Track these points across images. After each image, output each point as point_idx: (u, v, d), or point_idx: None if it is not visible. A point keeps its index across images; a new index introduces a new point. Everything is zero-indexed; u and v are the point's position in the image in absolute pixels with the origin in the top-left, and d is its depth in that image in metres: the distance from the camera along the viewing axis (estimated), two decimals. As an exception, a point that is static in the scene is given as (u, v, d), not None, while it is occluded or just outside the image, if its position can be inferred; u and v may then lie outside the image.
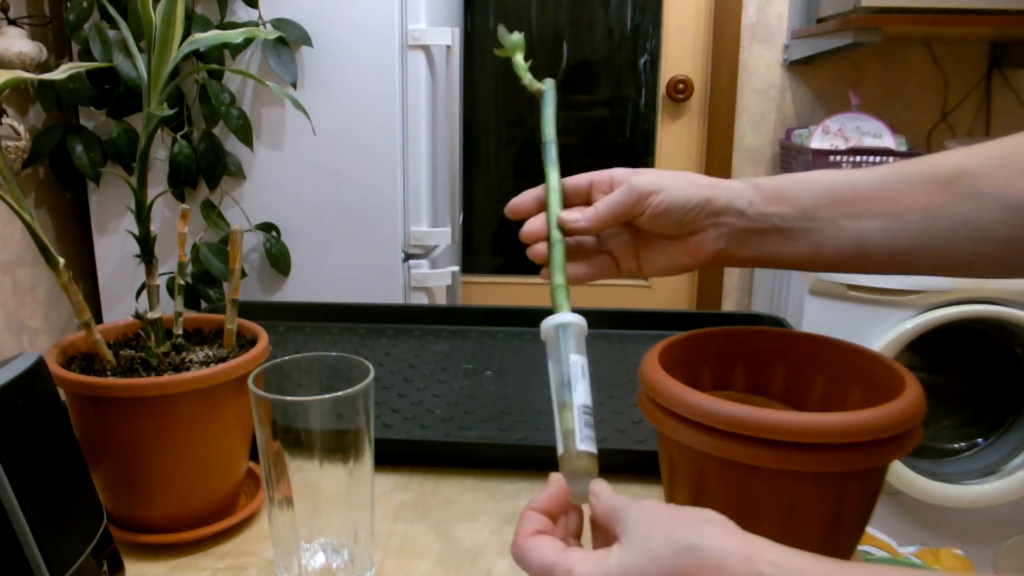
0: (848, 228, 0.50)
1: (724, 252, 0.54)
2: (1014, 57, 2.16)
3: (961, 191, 0.48)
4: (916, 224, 0.49)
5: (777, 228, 0.52)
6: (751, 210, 0.52)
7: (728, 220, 0.53)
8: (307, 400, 0.49)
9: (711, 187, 0.53)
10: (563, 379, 0.47)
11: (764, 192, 0.53)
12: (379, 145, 1.51)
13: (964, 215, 0.47)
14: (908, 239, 0.49)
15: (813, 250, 0.52)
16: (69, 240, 1.69)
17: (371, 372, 0.51)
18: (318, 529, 0.52)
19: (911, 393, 0.47)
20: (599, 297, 2.52)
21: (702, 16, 2.32)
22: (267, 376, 0.52)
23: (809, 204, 0.51)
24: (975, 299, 1.61)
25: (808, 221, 0.51)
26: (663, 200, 0.52)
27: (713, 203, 0.52)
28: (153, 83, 0.56)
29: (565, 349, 0.48)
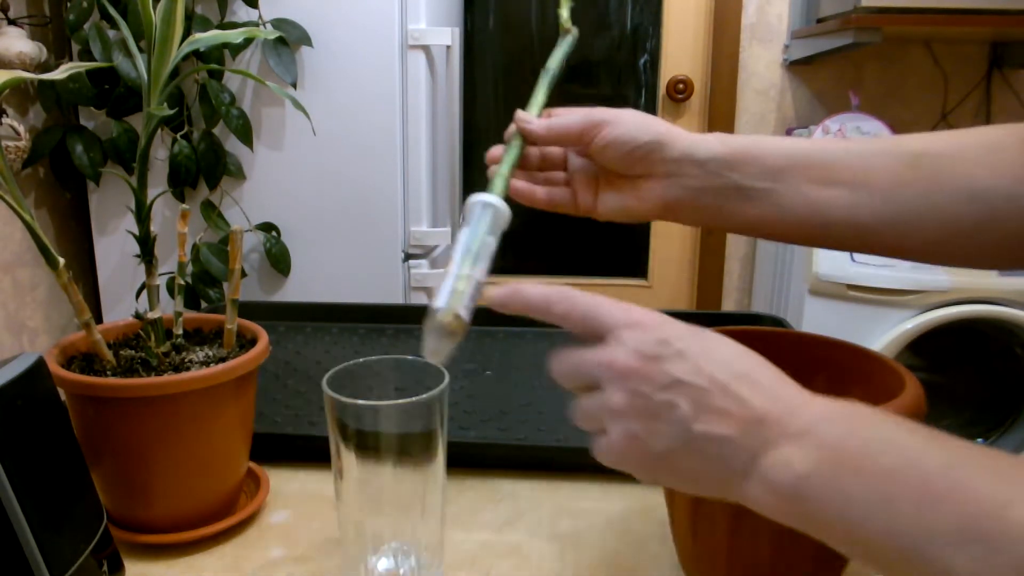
0: (811, 195, 0.50)
1: (677, 203, 0.53)
2: (1014, 57, 2.16)
3: (925, 172, 0.47)
4: (879, 199, 0.48)
5: (737, 186, 0.51)
6: (711, 163, 0.51)
7: (684, 170, 0.52)
8: (381, 404, 0.48)
9: (668, 132, 0.52)
10: (474, 251, 0.48)
11: (730, 147, 0.52)
12: (379, 145, 1.51)
13: (926, 196, 0.47)
14: (871, 214, 0.49)
15: (773, 215, 0.51)
16: (69, 240, 1.69)
17: (446, 377, 0.50)
18: (388, 533, 0.51)
19: (911, 393, 0.47)
20: (599, 297, 2.52)
21: (702, 16, 2.32)
22: (339, 379, 0.51)
23: (774, 165, 0.51)
24: (975, 299, 1.61)
25: (771, 182, 0.50)
26: (610, 132, 0.52)
27: (666, 147, 0.52)
28: (153, 83, 0.56)
29: (486, 228, 0.50)
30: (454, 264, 0.48)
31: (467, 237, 0.49)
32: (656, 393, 0.36)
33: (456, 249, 0.49)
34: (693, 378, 0.35)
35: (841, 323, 1.67)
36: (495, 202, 0.51)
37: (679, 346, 0.36)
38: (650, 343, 0.37)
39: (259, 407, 0.73)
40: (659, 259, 2.50)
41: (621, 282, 2.53)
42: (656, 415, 0.36)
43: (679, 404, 0.35)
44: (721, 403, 0.35)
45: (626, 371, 0.36)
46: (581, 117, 0.53)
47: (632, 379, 0.36)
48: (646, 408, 0.36)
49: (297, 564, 0.56)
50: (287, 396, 0.81)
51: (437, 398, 0.49)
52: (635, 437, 0.36)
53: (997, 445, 1.81)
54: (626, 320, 0.38)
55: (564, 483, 0.67)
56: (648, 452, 0.36)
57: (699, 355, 0.36)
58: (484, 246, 0.49)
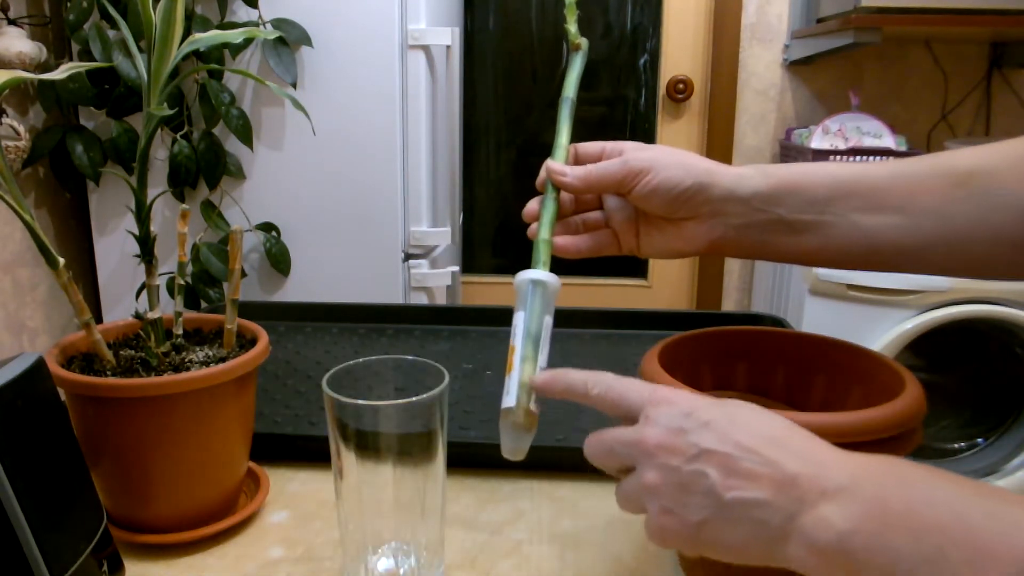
0: (859, 223, 0.49)
1: (722, 241, 0.52)
2: (1014, 57, 2.16)
3: (976, 190, 0.47)
4: (929, 222, 0.48)
5: (783, 220, 0.51)
6: (755, 200, 0.51)
7: (728, 209, 0.51)
8: (381, 404, 0.48)
9: (708, 173, 0.51)
10: (534, 335, 0.48)
11: (772, 181, 0.51)
12: (379, 145, 1.51)
13: (978, 214, 0.47)
14: (920, 237, 0.48)
15: (820, 245, 0.51)
16: (69, 240, 1.69)
17: (446, 377, 0.50)
18: (388, 533, 0.51)
19: (911, 393, 0.47)
20: (599, 297, 2.52)
21: (702, 16, 2.32)
22: (339, 379, 0.51)
23: (819, 195, 0.50)
24: (975, 299, 1.61)
25: (818, 215, 0.50)
26: (651, 180, 0.51)
27: (709, 189, 0.51)
28: (153, 83, 0.56)
29: (540, 308, 0.49)
30: (518, 354, 0.48)
31: (525, 322, 0.49)
32: (685, 465, 0.36)
33: (516, 336, 0.48)
34: (719, 446, 0.36)
35: (841, 323, 1.67)
36: (545, 278, 0.50)
37: (704, 417, 0.37)
38: (676, 417, 0.37)
39: (259, 407, 0.73)
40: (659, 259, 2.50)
41: (621, 282, 2.53)
42: (687, 487, 0.36)
43: (708, 473, 0.35)
44: (750, 467, 0.35)
45: (655, 447, 0.37)
46: (619, 166, 0.52)
47: (661, 454, 0.37)
48: (678, 482, 0.36)
49: (297, 564, 0.56)
50: (287, 396, 0.81)
51: (437, 398, 0.49)
52: (670, 512, 0.36)
53: (997, 445, 1.81)
54: (652, 398, 0.39)
55: (564, 483, 0.67)
56: (686, 525, 0.36)
57: (725, 423, 0.37)
58: (543, 328, 0.49)
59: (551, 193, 0.54)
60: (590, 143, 0.56)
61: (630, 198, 0.54)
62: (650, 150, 0.53)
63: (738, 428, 0.36)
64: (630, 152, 0.53)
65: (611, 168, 0.53)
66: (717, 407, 0.38)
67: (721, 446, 0.36)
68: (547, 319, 0.49)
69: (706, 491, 0.35)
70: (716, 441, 0.36)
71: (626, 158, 0.53)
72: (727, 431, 0.36)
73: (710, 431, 0.36)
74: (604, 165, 0.53)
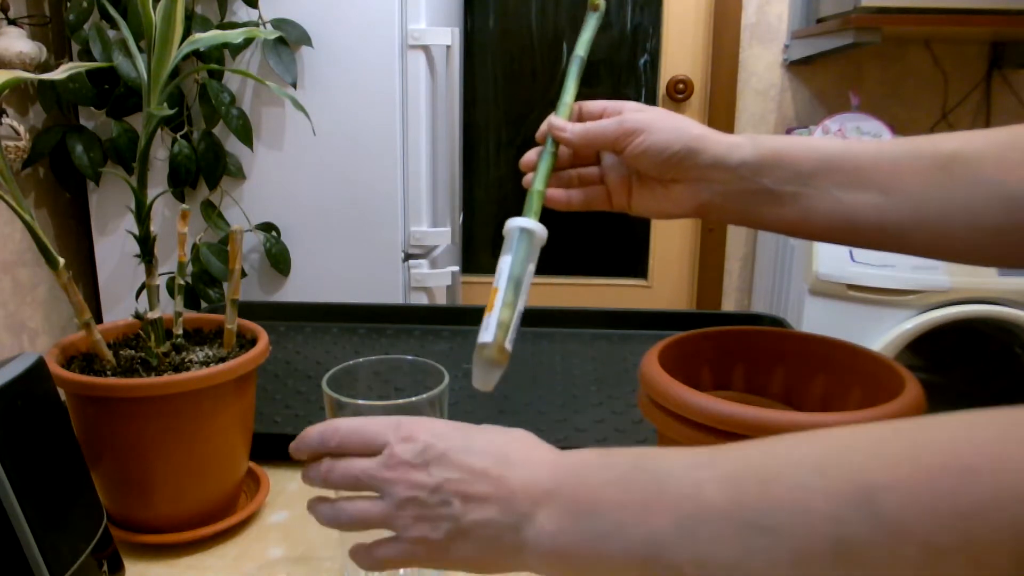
0: (841, 198, 0.50)
1: (708, 206, 0.54)
2: (1014, 57, 2.16)
3: (958, 173, 0.47)
4: (910, 202, 0.48)
5: (767, 190, 0.52)
6: (741, 169, 0.52)
7: (715, 176, 0.53)
8: (380, 404, 0.48)
9: (700, 138, 0.53)
10: (516, 280, 0.50)
11: (760, 151, 0.52)
12: (379, 145, 1.51)
13: (959, 198, 0.47)
14: (901, 216, 0.49)
15: (801, 216, 0.51)
16: (69, 240, 1.69)
17: (445, 377, 0.51)
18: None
19: (911, 393, 0.47)
20: (599, 297, 2.52)
21: (702, 16, 2.32)
22: (339, 379, 0.51)
23: (804, 169, 0.51)
24: (975, 299, 1.61)
25: (801, 187, 0.51)
26: (644, 141, 0.53)
27: (697, 155, 0.52)
28: (153, 83, 0.56)
29: (525, 254, 0.52)
30: (500, 295, 0.50)
31: (509, 265, 0.51)
32: (429, 496, 0.39)
33: (500, 278, 0.51)
34: (455, 473, 0.39)
35: (841, 323, 1.67)
36: (532, 227, 0.53)
37: (441, 448, 0.40)
38: (417, 452, 0.40)
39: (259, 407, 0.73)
40: (659, 259, 2.50)
41: (621, 282, 2.53)
42: (433, 514, 0.39)
43: (451, 501, 0.38)
44: (480, 489, 0.38)
45: (401, 482, 0.39)
46: (615, 125, 0.54)
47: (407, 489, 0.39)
48: (424, 512, 0.39)
49: (297, 564, 0.56)
50: (287, 396, 0.81)
51: (437, 398, 0.49)
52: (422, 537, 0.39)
53: (997, 445, 1.81)
54: (396, 435, 0.41)
55: (564, 483, 0.67)
56: (437, 547, 0.39)
57: (461, 451, 0.39)
58: (526, 275, 0.51)
59: (550, 147, 0.57)
60: (594, 102, 0.58)
61: (623, 157, 0.55)
62: (648, 111, 0.55)
63: (472, 453, 0.39)
64: (628, 112, 0.55)
65: (607, 127, 0.55)
66: (458, 434, 0.41)
67: (457, 473, 0.39)
68: (530, 267, 0.52)
69: (449, 516, 0.38)
70: (452, 470, 0.39)
71: (623, 118, 0.54)
72: (462, 459, 0.39)
73: (447, 461, 0.39)
74: (601, 123, 0.55)
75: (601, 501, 0.36)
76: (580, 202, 0.58)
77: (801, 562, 0.30)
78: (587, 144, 0.56)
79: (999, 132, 0.48)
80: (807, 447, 0.32)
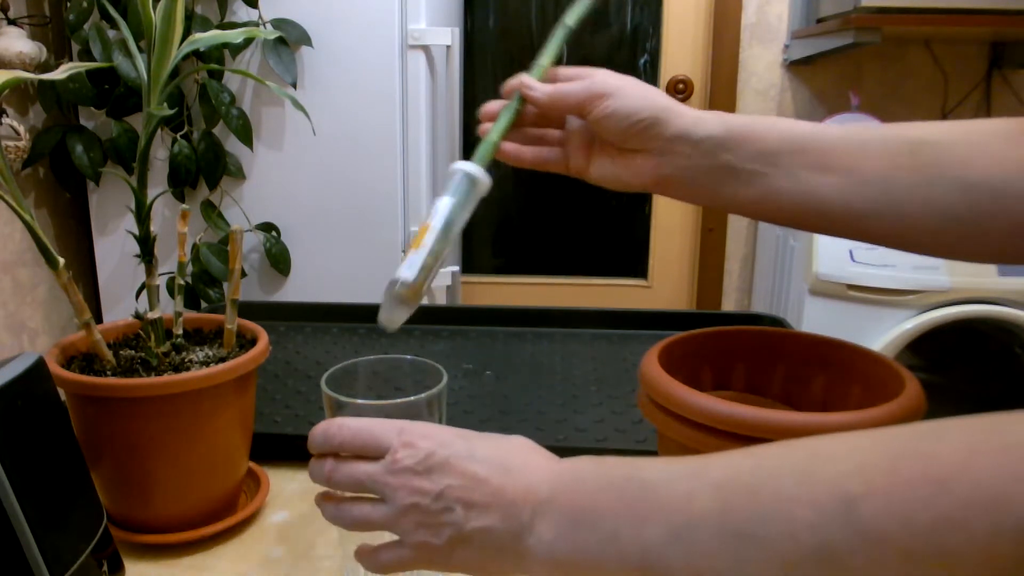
0: (805, 179, 0.49)
1: (668, 180, 0.53)
2: (1014, 57, 2.16)
3: (921, 160, 0.47)
4: (874, 188, 0.48)
5: (731, 167, 0.51)
6: (706, 143, 0.51)
7: (678, 149, 0.51)
8: (380, 404, 0.48)
9: (666, 109, 0.52)
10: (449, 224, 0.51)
11: (727, 127, 0.51)
12: (379, 145, 1.51)
13: (922, 186, 0.47)
14: (864, 202, 0.48)
15: (763, 196, 0.51)
16: (69, 240, 1.69)
17: (444, 377, 0.51)
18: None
19: (911, 393, 0.47)
20: (599, 297, 2.52)
21: (702, 16, 2.32)
22: (338, 378, 0.51)
23: (769, 148, 0.50)
24: (975, 299, 1.61)
25: (765, 165, 0.50)
26: (609, 104, 0.52)
27: (663, 125, 0.51)
28: (153, 83, 0.56)
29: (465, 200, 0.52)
30: (431, 235, 0.50)
31: (449, 208, 0.51)
32: (433, 503, 0.39)
33: (435, 217, 0.50)
34: (458, 480, 0.39)
35: (841, 323, 1.67)
36: (477, 174, 0.53)
37: (444, 455, 0.40)
38: (420, 459, 0.40)
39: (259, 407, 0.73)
40: (659, 259, 2.50)
41: (621, 282, 2.53)
42: (437, 520, 0.39)
43: (453, 507, 0.39)
44: (481, 497, 0.39)
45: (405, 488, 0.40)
46: (583, 88, 0.53)
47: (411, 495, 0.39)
48: (428, 518, 0.39)
49: (297, 564, 0.56)
50: (287, 396, 0.81)
51: (436, 397, 0.49)
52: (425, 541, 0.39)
53: (997, 445, 1.81)
54: (399, 440, 0.41)
55: (564, 483, 0.67)
56: (440, 552, 0.39)
57: (464, 459, 0.40)
58: (459, 221, 0.51)
59: (515, 103, 0.56)
60: (568, 68, 0.56)
61: (588, 121, 0.54)
62: (619, 78, 0.53)
63: (475, 461, 0.40)
64: (599, 75, 0.54)
65: (575, 88, 0.53)
66: (460, 441, 0.41)
67: (459, 480, 0.39)
68: (465, 214, 0.52)
69: (452, 523, 0.39)
70: (455, 477, 0.39)
71: (592, 80, 0.53)
72: (465, 466, 0.39)
73: (449, 468, 0.39)
74: (568, 86, 0.54)
75: (596, 509, 0.36)
76: (531, 159, 0.57)
77: (789, 570, 0.30)
78: (554, 104, 0.54)
79: (970, 123, 0.48)
80: (792, 456, 0.33)
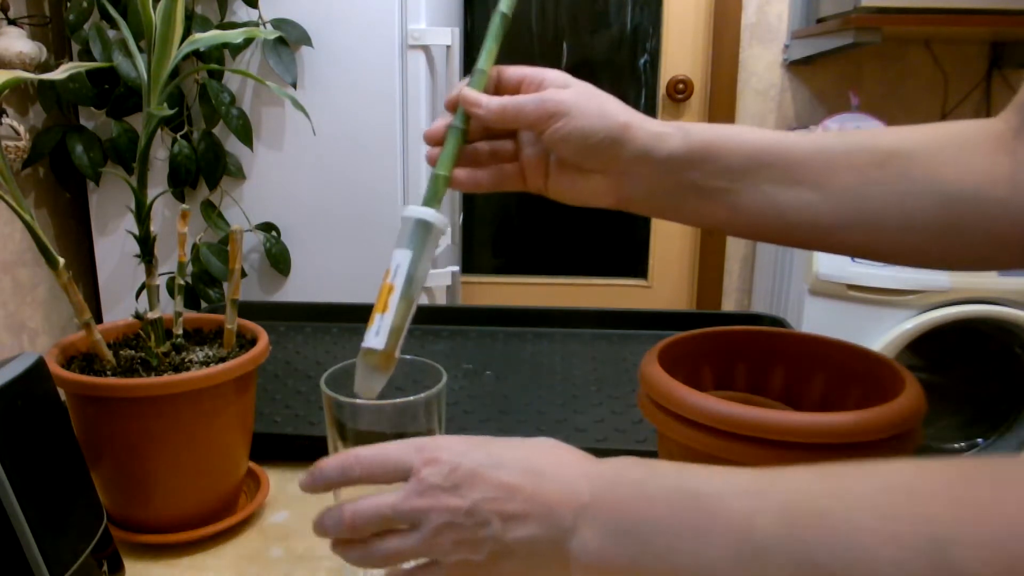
0: (772, 195, 0.48)
1: (629, 200, 0.51)
2: (1014, 57, 2.16)
3: (893, 171, 0.46)
4: (844, 200, 0.46)
5: (695, 185, 0.49)
6: (669, 162, 0.48)
7: (639, 170, 0.49)
8: (379, 404, 0.48)
9: (625, 127, 0.48)
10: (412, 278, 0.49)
11: (691, 144, 0.49)
12: (379, 145, 1.51)
13: (893, 196, 0.45)
14: (834, 215, 0.47)
15: (731, 213, 0.49)
16: (69, 240, 1.69)
17: (443, 377, 0.51)
18: None
19: (911, 393, 0.47)
20: (599, 297, 2.52)
21: (702, 16, 2.32)
22: (338, 378, 0.51)
23: (735, 164, 0.48)
24: (975, 299, 1.61)
25: (731, 182, 0.48)
26: (564, 126, 0.48)
27: (621, 145, 0.48)
28: (153, 83, 0.56)
29: (422, 249, 0.49)
30: (395, 295, 0.48)
31: (409, 264, 0.49)
32: (466, 520, 0.38)
33: (397, 275, 0.48)
34: (490, 492, 0.38)
35: (841, 323, 1.67)
36: (431, 218, 0.49)
37: (469, 466, 0.39)
38: (446, 475, 0.38)
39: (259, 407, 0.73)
40: (659, 259, 2.50)
41: (621, 282, 2.53)
42: (474, 537, 0.38)
43: (489, 521, 0.37)
44: (517, 507, 0.37)
45: (434, 509, 0.38)
46: (531, 105, 0.49)
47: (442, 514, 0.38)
48: (464, 535, 0.38)
49: (297, 564, 0.56)
50: (287, 396, 0.81)
51: (435, 397, 0.49)
52: (465, 562, 0.38)
53: (997, 445, 1.81)
54: (420, 458, 0.39)
55: (564, 483, 0.67)
56: (477, 569, 0.38)
57: (491, 468, 0.38)
58: (421, 272, 0.49)
59: (459, 122, 0.51)
60: (513, 68, 0.52)
61: (543, 139, 0.50)
62: (571, 88, 0.50)
63: (502, 468, 0.38)
64: (550, 87, 0.50)
65: (526, 105, 0.49)
66: (482, 450, 0.40)
67: (492, 492, 0.38)
68: (426, 264, 0.49)
69: (490, 537, 0.37)
70: (485, 489, 0.38)
71: (543, 96, 0.49)
72: (493, 475, 0.38)
73: (478, 480, 0.38)
74: (520, 101, 0.49)
75: (647, 520, 0.35)
76: (489, 183, 0.53)
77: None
78: (504, 123, 0.50)
79: (938, 128, 0.47)
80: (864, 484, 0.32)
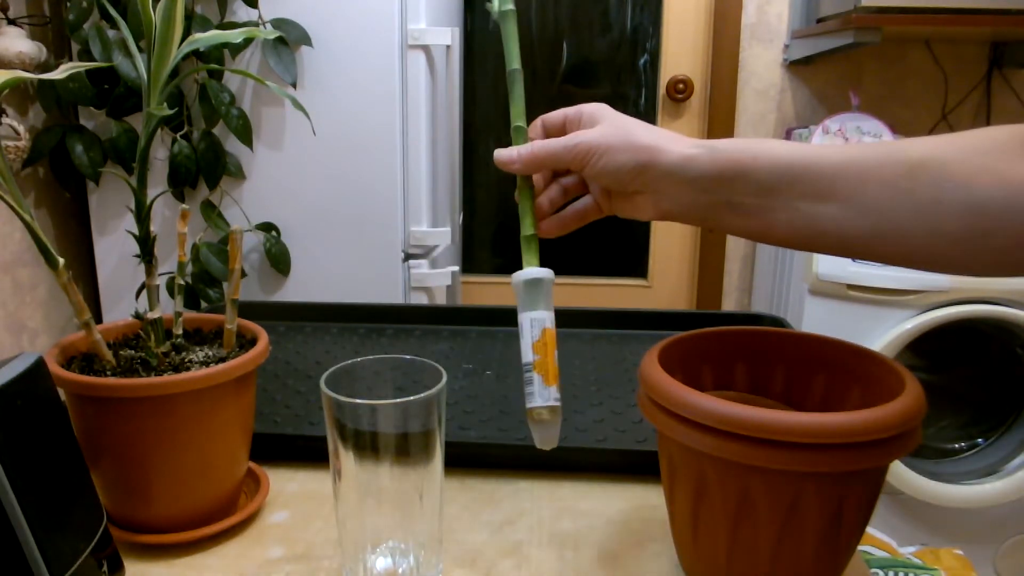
0: (805, 211, 0.49)
1: (671, 214, 0.54)
2: (1014, 57, 2.16)
3: (923, 181, 0.46)
4: (875, 214, 0.47)
5: (728, 202, 0.51)
6: (700, 182, 0.51)
7: (672, 189, 0.52)
8: (379, 404, 0.48)
9: (650, 151, 0.51)
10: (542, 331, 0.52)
11: (719, 163, 0.50)
12: (379, 145, 1.51)
13: (923, 208, 0.46)
14: (865, 227, 0.48)
15: (764, 228, 0.51)
16: (69, 240, 1.69)
17: (443, 377, 0.51)
18: (386, 533, 0.51)
19: (911, 393, 0.47)
20: (599, 297, 2.52)
21: (702, 16, 2.32)
22: (338, 378, 0.51)
23: (767, 182, 0.49)
24: (975, 299, 1.61)
25: (762, 199, 0.50)
26: (596, 162, 0.52)
27: (650, 170, 0.51)
28: (153, 83, 0.56)
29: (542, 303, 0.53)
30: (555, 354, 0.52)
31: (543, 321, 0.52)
32: None
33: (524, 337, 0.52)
34: None
35: (841, 323, 1.67)
36: (541, 275, 0.53)
37: None
38: None
39: (259, 407, 0.73)
40: (659, 259, 2.50)
41: (621, 282, 2.53)
42: None
43: None
44: None
45: None
46: (564, 149, 0.53)
47: None
48: None
49: (297, 564, 0.56)
50: (287, 396, 0.81)
51: (435, 397, 0.49)
52: None
53: (997, 445, 1.81)
54: None
55: (564, 483, 0.67)
56: None
57: None
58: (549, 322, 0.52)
59: (520, 182, 0.55)
60: (554, 113, 0.56)
61: (583, 176, 0.55)
62: (598, 127, 0.53)
63: None
64: (580, 130, 0.54)
65: (557, 150, 0.53)
66: None
67: None
68: (549, 314, 0.53)
69: None
70: None
71: (573, 141, 0.53)
72: None
73: None
74: (551, 145, 0.54)
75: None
76: (574, 221, 0.58)
77: None
78: (542, 167, 0.55)
79: (967, 136, 0.47)
80: None
